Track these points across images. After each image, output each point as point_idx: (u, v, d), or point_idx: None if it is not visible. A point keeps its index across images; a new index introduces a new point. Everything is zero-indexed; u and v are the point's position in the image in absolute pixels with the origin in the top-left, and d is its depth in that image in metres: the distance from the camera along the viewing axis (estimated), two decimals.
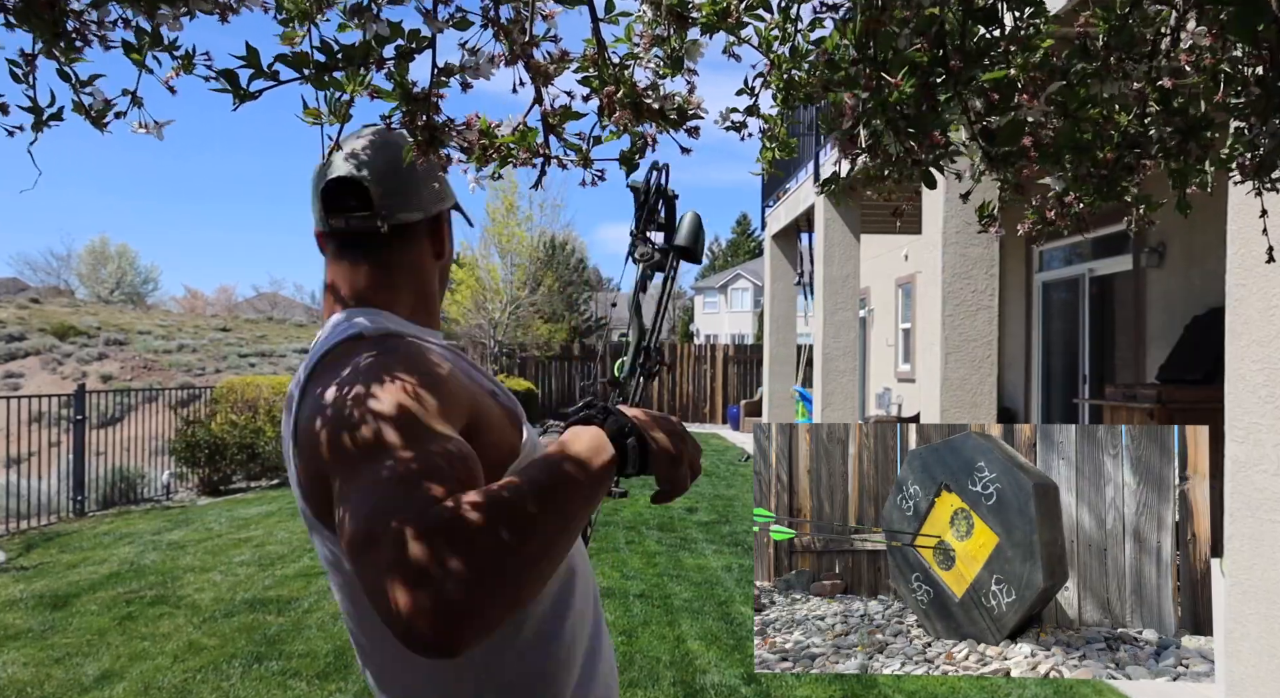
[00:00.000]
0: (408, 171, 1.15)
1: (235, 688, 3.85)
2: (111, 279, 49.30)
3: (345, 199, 1.15)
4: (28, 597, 5.26)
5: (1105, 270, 8.08)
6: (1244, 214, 3.23)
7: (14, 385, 22.70)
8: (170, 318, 32.98)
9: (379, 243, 1.16)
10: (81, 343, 25.87)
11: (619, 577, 5.61)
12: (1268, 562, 3.11)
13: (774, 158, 1.72)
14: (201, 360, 26.02)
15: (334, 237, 1.18)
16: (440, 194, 1.23)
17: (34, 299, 32.70)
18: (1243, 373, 3.26)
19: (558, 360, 19.96)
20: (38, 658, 4.22)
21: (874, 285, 14.69)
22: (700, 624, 4.66)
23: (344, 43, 0.89)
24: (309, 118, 0.89)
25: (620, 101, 0.94)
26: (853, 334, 10.30)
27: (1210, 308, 6.10)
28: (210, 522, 7.61)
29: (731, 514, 7.79)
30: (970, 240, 6.18)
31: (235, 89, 0.85)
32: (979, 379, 6.22)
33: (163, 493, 9.42)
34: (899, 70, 1.04)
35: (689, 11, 1.02)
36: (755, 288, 46.27)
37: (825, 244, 10.15)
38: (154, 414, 9.76)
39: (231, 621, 4.74)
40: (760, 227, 15.85)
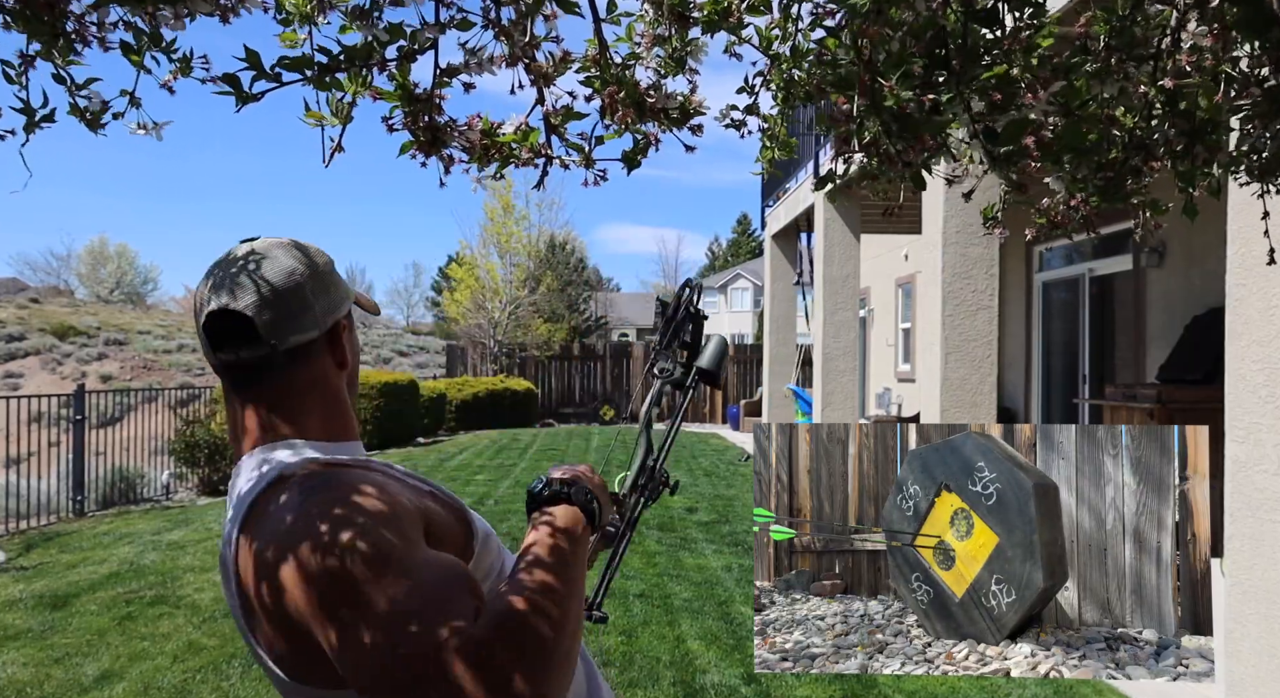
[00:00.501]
0: (294, 289, 1.07)
1: (235, 688, 3.85)
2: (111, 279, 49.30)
3: (229, 331, 1.07)
4: (27, 597, 5.26)
5: (1105, 270, 8.09)
6: (1244, 214, 3.23)
7: (14, 385, 22.70)
8: (170, 318, 32.97)
9: (275, 369, 1.08)
10: (81, 343, 25.88)
11: (619, 577, 5.62)
12: (1268, 562, 3.11)
13: (774, 157, 1.72)
14: (201, 360, 26.01)
15: (226, 370, 1.10)
16: (334, 302, 1.13)
17: (34, 299, 32.69)
18: (1243, 373, 3.26)
19: (557, 360, 19.97)
20: (37, 658, 4.22)
21: (874, 285, 14.69)
22: (700, 624, 4.66)
23: (346, 44, 0.89)
24: (311, 120, 0.90)
25: (623, 101, 0.94)
26: (853, 334, 10.30)
27: (1210, 308, 6.10)
28: (210, 522, 7.61)
29: (731, 514, 7.80)
30: (970, 240, 6.18)
31: (238, 92, 0.85)
32: (979, 379, 6.22)
33: (162, 493, 9.42)
34: (894, 73, 1.04)
35: (690, 11, 1.02)
36: (755, 288, 46.28)
37: (825, 244, 10.15)
38: (154, 414, 9.76)
39: (231, 621, 4.73)
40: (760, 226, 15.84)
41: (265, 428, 1.09)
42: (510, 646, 0.84)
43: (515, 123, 0.92)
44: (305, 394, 1.11)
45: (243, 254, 1.09)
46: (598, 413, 19.08)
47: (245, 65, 0.87)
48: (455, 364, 21.04)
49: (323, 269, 1.11)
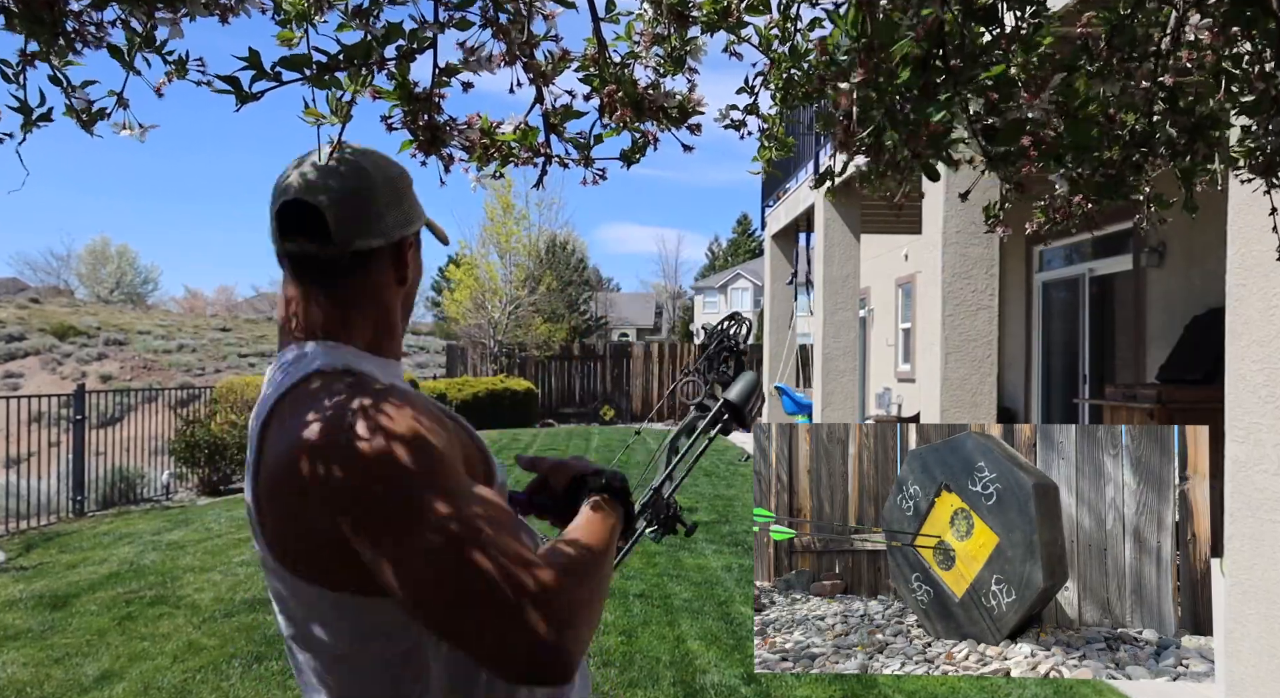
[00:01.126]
0: (368, 195, 1.08)
1: (235, 688, 3.85)
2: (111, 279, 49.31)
3: (301, 223, 1.08)
4: (27, 597, 5.25)
5: (1105, 270, 8.08)
6: (1245, 213, 3.23)
7: (14, 385, 22.71)
8: (170, 318, 32.99)
9: (337, 270, 1.09)
10: (81, 343, 25.88)
11: (618, 577, 5.62)
12: (1268, 562, 3.11)
13: (772, 156, 1.72)
14: (201, 360, 26.03)
15: (290, 260, 1.11)
16: (406, 217, 1.14)
17: (34, 299, 32.70)
18: (1243, 373, 3.26)
19: (557, 360, 19.96)
20: (37, 658, 4.21)
21: (874, 285, 14.69)
22: (700, 624, 4.66)
23: (345, 43, 0.89)
24: (310, 118, 0.89)
25: (621, 100, 0.94)
26: (853, 334, 10.30)
27: (1210, 308, 6.10)
28: (210, 522, 7.61)
29: (731, 514, 7.80)
30: (970, 240, 6.19)
31: (238, 91, 0.85)
32: (979, 379, 6.22)
33: (162, 493, 9.42)
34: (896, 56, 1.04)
35: (689, 10, 1.02)
36: (755, 288, 46.29)
37: (825, 244, 10.15)
38: (153, 414, 9.75)
39: (231, 621, 4.73)
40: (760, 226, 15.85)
41: (314, 324, 1.10)
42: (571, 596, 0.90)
43: (514, 122, 0.92)
44: (360, 300, 1.12)
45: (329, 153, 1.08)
46: (598, 413, 19.07)
47: (244, 65, 0.87)
48: (455, 364, 21.05)
49: (399, 182, 1.13)
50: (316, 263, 1.09)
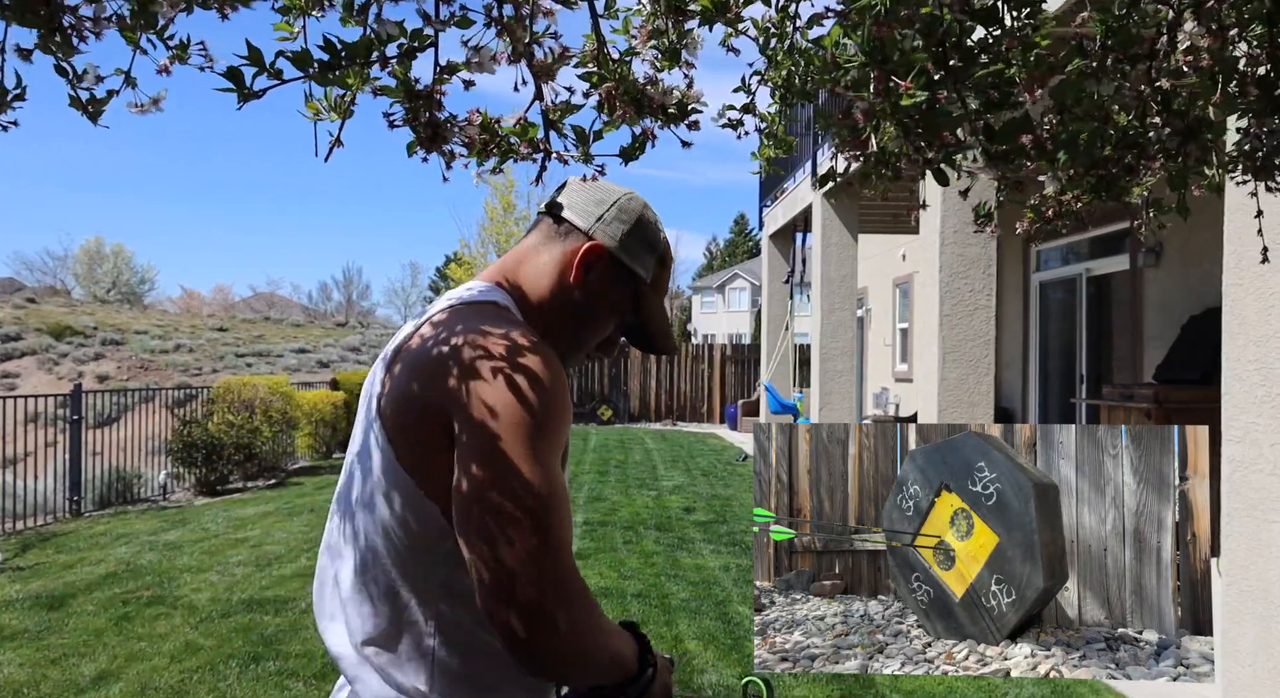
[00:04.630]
0: (607, 199, 1.22)
1: (232, 688, 3.84)
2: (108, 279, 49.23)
3: (562, 195, 1.24)
4: (24, 597, 5.24)
5: (1102, 270, 8.09)
6: (1241, 214, 3.24)
7: (10, 385, 22.65)
8: (167, 318, 32.93)
9: (550, 224, 1.22)
10: (78, 343, 25.82)
11: (616, 577, 5.61)
12: (1265, 562, 3.11)
13: (771, 155, 1.72)
14: (198, 360, 25.98)
15: (547, 211, 1.25)
16: (626, 247, 1.22)
17: (30, 299, 32.63)
18: (1239, 373, 3.26)
19: None
20: (34, 659, 4.20)
21: (871, 285, 14.69)
22: (698, 624, 4.66)
23: (346, 39, 0.88)
24: (309, 112, 0.89)
25: (621, 97, 0.94)
26: (850, 334, 10.31)
27: (1207, 308, 6.11)
28: (207, 522, 7.59)
29: (729, 514, 7.79)
30: (967, 240, 6.19)
31: (240, 88, 0.84)
32: (976, 379, 6.22)
33: (159, 493, 9.40)
34: (908, 73, 1.04)
35: (687, 4, 1.02)
36: (753, 287, 46.28)
37: (823, 244, 10.16)
38: (150, 414, 9.73)
39: (228, 621, 4.73)
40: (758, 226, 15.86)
41: (499, 270, 1.22)
42: (566, 599, 0.94)
43: (515, 117, 0.92)
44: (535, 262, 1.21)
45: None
46: (595, 413, 19.07)
47: (243, 61, 0.86)
48: None
49: (643, 222, 1.23)
50: (553, 221, 1.24)
